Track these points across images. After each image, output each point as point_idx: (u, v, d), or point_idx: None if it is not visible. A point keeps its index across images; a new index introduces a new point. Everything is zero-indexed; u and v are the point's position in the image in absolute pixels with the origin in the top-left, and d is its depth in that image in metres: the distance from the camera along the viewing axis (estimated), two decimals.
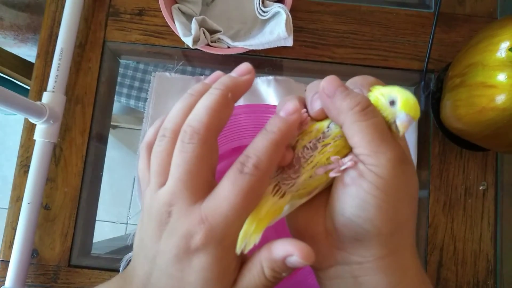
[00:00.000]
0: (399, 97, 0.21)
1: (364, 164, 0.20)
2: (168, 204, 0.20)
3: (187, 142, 0.20)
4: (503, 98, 0.35)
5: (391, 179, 0.20)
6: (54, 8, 0.51)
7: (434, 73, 0.49)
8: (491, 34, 0.38)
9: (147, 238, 0.21)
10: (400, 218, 0.21)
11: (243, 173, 0.19)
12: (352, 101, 0.21)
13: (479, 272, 0.45)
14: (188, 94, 0.22)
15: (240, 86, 0.22)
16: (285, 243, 0.20)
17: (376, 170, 0.20)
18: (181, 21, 0.45)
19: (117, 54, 0.53)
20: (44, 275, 0.46)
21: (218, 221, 0.19)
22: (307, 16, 0.50)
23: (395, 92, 0.21)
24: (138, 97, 0.68)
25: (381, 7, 0.50)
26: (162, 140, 0.21)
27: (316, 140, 0.22)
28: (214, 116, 0.20)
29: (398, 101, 0.21)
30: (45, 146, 0.46)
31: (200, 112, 0.20)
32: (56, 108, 0.46)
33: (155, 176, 0.21)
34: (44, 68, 0.49)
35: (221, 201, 0.19)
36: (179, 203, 0.20)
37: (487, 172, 0.47)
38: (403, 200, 0.21)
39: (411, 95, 0.21)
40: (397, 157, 0.20)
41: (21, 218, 0.44)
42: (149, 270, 0.21)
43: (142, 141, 0.49)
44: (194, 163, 0.20)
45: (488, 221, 0.46)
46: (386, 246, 0.21)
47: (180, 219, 0.19)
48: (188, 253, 0.19)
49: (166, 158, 0.21)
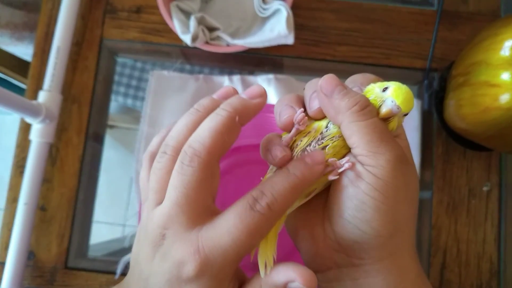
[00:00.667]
0: (392, 85, 0.21)
1: (362, 165, 0.20)
2: (162, 227, 0.19)
3: (186, 164, 0.19)
4: (507, 97, 0.34)
5: (390, 180, 0.20)
6: (51, 6, 0.50)
7: (437, 71, 0.48)
8: (494, 33, 0.37)
9: (142, 255, 0.20)
10: (400, 220, 0.21)
11: (254, 211, 0.18)
12: (350, 101, 0.20)
13: (482, 274, 0.45)
14: (194, 110, 0.21)
15: (250, 110, 0.21)
16: (286, 268, 0.19)
17: (375, 171, 0.20)
18: (179, 19, 0.44)
19: (114, 52, 0.52)
20: (41, 277, 0.46)
21: (215, 254, 0.18)
22: (308, 13, 0.49)
23: (391, 83, 0.21)
24: (136, 96, 0.68)
25: (384, 4, 0.50)
26: (163, 157, 0.20)
27: (315, 141, 0.21)
28: (218, 139, 0.19)
29: (389, 89, 0.21)
30: (41, 146, 0.45)
31: (204, 133, 0.19)
32: (52, 107, 0.45)
33: (152, 193, 0.20)
34: (41, 66, 0.49)
35: (223, 234, 0.18)
36: (174, 227, 0.19)
37: (491, 172, 0.47)
38: (403, 201, 0.20)
39: (406, 88, 0.20)
40: (396, 157, 0.20)
41: (17, 219, 0.44)
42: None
43: (139, 140, 0.48)
44: (193, 188, 0.19)
45: (492, 222, 0.46)
46: (385, 248, 0.21)
47: (175, 244, 0.19)
48: (180, 281, 0.18)
49: (165, 177, 0.20)
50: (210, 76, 0.50)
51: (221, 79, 0.50)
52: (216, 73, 0.52)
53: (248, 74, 0.51)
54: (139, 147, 0.48)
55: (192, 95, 0.49)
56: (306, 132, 0.22)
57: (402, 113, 0.21)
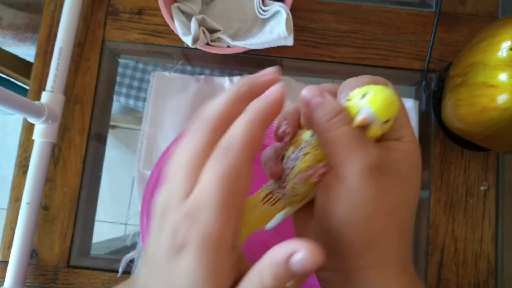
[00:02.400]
0: (371, 91, 0.20)
1: (334, 174, 0.20)
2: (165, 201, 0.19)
3: (227, 154, 0.18)
4: (505, 98, 0.34)
5: (360, 190, 0.19)
6: (53, 7, 0.51)
7: (435, 72, 0.49)
8: (492, 34, 0.37)
9: (151, 234, 0.20)
10: (376, 232, 0.20)
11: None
12: (320, 111, 0.20)
13: (480, 273, 0.45)
14: (240, 91, 0.20)
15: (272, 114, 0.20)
16: (288, 242, 0.17)
17: (343, 181, 0.19)
18: (180, 20, 0.45)
19: (116, 53, 0.53)
20: (43, 275, 0.46)
21: (199, 212, 0.17)
22: (308, 15, 0.50)
23: (372, 88, 0.20)
24: (137, 97, 0.68)
25: (382, 6, 0.50)
26: (197, 134, 0.19)
27: (298, 149, 0.22)
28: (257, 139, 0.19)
29: (367, 95, 0.20)
30: (44, 146, 0.46)
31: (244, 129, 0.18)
32: (55, 108, 0.46)
33: (181, 177, 0.19)
34: (43, 67, 0.49)
35: (201, 191, 0.17)
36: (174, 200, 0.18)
37: (488, 172, 0.47)
38: (377, 212, 0.20)
39: (386, 93, 0.20)
40: (367, 167, 0.19)
41: (20, 219, 0.44)
42: (148, 271, 0.20)
43: (141, 140, 0.49)
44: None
45: (489, 221, 0.46)
46: (361, 259, 0.20)
47: (171, 214, 0.18)
48: (175, 251, 0.18)
49: (199, 158, 0.19)
50: (211, 77, 0.51)
51: (221, 80, 0.50)
52: (217, 74, 0.53)
53: (249, 75, 0.51)
54: (141, 147, 0.49)
55: (193, 96, 0.49)
56: (294, 141, 0.22)
57: (380, 121, 0.20)
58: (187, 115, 0.49)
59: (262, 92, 0.20)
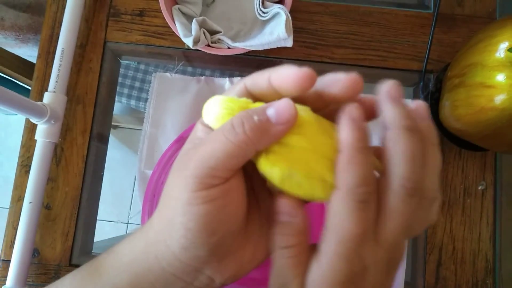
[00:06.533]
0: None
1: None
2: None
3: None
4: (502, 98, 0.35)
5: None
6: (55, 8, 0.51)
7: (433, 73, 0.49)
8: (490, 35, 0.38)
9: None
10: None
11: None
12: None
13: (478, 272, 0.46)
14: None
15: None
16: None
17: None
18: (181, 22, 0.45)
19: (117, 54, 0.53)
20: (45, 274, 0.46)
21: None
22: (307, 16, 0.50)
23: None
24: (139, 98, 0.69)
25: (380, 7, 0.50)
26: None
27: None
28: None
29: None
30: (46, 146, 0.46)
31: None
32: (57, 108, 0.46)
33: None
34: (45, 68, 0.50)
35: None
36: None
37: (486, 172, 0.47)
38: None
39: (209, 102, 0.20)
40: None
41: (22, 218, 0.44)
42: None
43: (142, 141, 0.49)
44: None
45: (487, 220, 0.46)
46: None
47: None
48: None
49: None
50: (212, 78, 0.51)
51: (222, 81, 0.51)
52: (217, 75, 0.53)
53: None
54: (142, 147, 0.49)
55: (194, 97, 0.50)
56: None
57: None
58: (188, 116, 0.49)
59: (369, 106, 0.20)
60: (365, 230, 0.17)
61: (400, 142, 0.17)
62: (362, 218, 0.17)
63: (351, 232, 0.17)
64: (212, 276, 0.20)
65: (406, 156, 0.17)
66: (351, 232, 0.17)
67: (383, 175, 0.18)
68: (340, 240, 0.17)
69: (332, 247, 0.17)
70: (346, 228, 0.17)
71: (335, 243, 0.17)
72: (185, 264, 0.19)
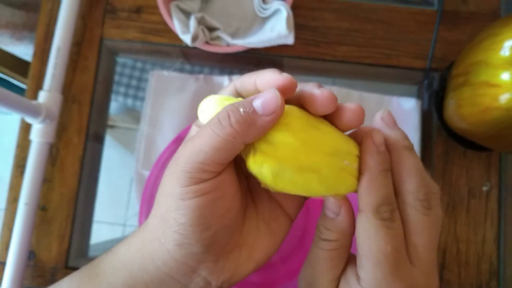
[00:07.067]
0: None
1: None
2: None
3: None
4: (507, 97, 0.34)
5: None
6: (51, 6, 0.50)
7: (437, 71, 0.48)
8: (494, 33, 0.37)
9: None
10: None
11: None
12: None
13: (482, 274, 0.45)
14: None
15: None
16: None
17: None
18: (179, 19, 0.44)
19: (114, 52, 0.52)
20: (41, 276, 0.46)
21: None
22: (308, 13, 0.49)
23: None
24: (136, 96, 0.68)
25: (384, 4, 0.50)
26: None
27: None
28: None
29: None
30: (41, 146, 0.45)
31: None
32: (52, 107, 0.45)
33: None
34: (41, 66, 0.49)
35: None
36: None
37: (490, 172, 0.47)
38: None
39: (205, 101, 0.21)
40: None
41: (18, 219, 0.44)
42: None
43: (139, 140, 0.48)
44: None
45: (492, 222, 0.46)
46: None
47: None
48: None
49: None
50: (210, 76, 0.50)
51: (221, 79, 0.50)
52: (216, 73, 0.52)
53: None
54: (139, 147, 0.48)
55: (192, 95, 0.49)
56: None
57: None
58: (186, 115, 0.49)
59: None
60: (397, 249, 0.18)
61: (404, 161, 0.19)
62: (390, 235, 0.18)
63: (383, 251, 0.18)
64: (207, 277, 0.20)
65: (411, 172, 0.19)
66: (383, 252, 0.18)
67: (397, 195, 0.19)
68: (375, 264, 0.18)
69: (370, 274, 0.18)
70: (377, 247, 0.18)
71: (372, 267, 0.18)
72: (180, 262, 0.19)
